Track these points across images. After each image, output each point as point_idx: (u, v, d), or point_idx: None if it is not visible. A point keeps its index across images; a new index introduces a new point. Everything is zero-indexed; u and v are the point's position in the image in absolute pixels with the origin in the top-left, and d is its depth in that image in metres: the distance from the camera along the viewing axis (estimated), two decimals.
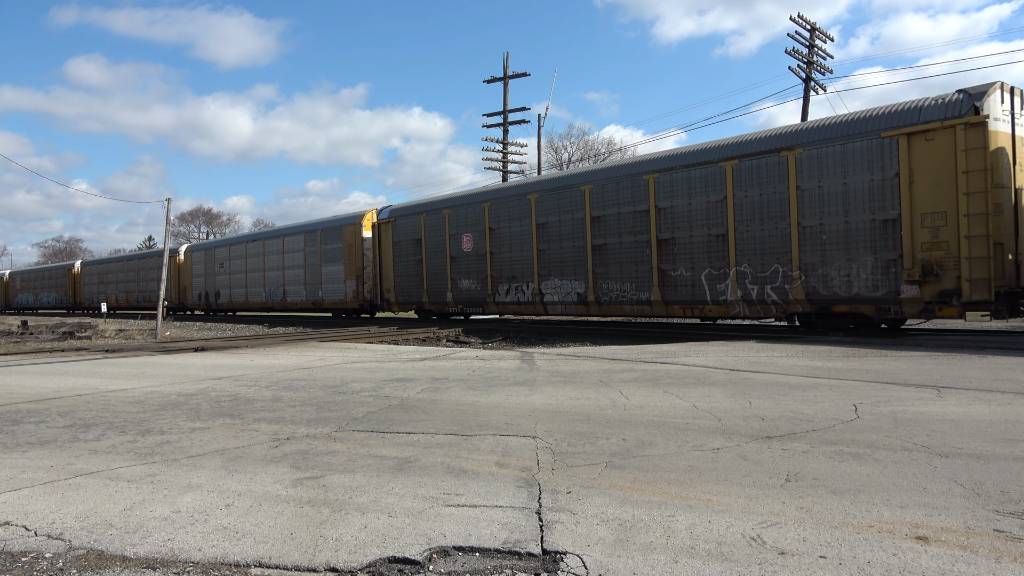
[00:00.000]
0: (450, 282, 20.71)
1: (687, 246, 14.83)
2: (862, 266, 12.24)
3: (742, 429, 5.01)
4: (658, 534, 2.99)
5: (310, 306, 27.42)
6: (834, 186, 12.51)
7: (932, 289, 11.38)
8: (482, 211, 19.57)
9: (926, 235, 11.44)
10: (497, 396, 6.84)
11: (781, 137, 13.43)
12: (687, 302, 14.95)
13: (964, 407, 5.62)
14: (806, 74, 28.05)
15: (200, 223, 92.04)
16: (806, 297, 12.92)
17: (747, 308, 13.92)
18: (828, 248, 12.61)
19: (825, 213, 12.63)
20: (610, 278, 16.38)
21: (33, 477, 4.22)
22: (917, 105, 11.78)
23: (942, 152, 11.19)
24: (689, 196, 14.76)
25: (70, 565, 2.87)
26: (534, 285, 18.12)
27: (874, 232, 12.06)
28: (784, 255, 13.23)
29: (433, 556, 2.86)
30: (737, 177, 13.90)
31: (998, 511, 3.16)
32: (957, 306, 11.18)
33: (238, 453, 4.70)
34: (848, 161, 12.34)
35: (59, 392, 7.92)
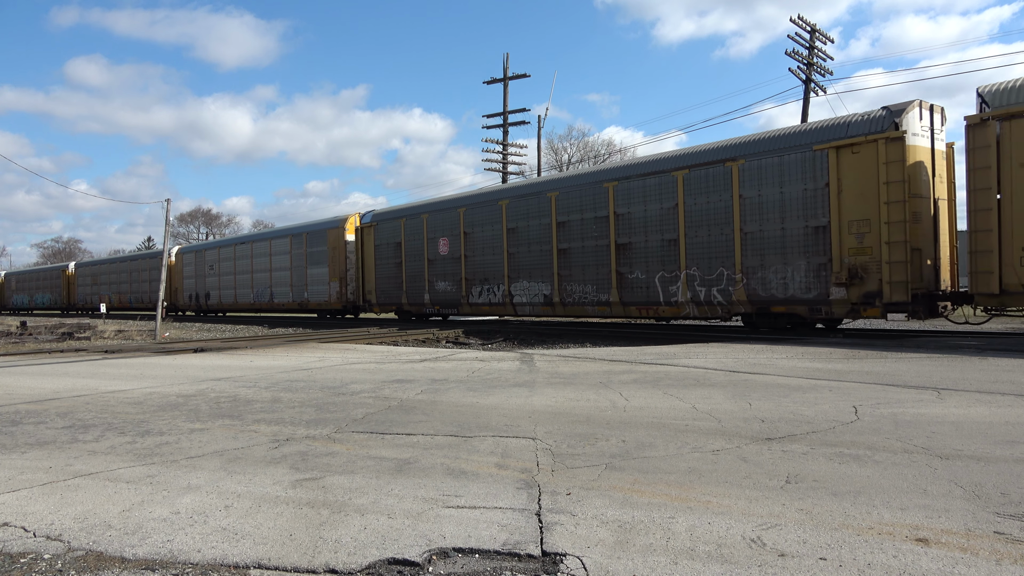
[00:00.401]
0: (427, 284, 21.47)
1: (643, 250, 15.68)
2: (796, 269, 13.12)
3: (742, 431, 5.01)
4: (658, 536, 2.99)
5: (296, 307, 28.07)
6: (772, 195, 13.40)
7: (858, 291, 12.22)
8: (457, 216, 20.33)
9: (852, 241, 12.29)
10: (497, 397, 6.83)
11: (726, 149, 14.29)
12: (642, 303, 15.80)
13: (964, 409, 5.61)
14: (806, 75, 28.08)
15: (199, 224, 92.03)
16: (747, 298, 13.79)
17: (696, 309, 14.82)
18: (767, 253, 13.51)
19: (764, 220, 13.51)
20: (573, 280, 17.23)
21: (32, 478, 4.21)
22: (845, 121, 12.68)
23: (866, 164, 12.03)
24: (645, 203, 15.61)
25: (69, 566, 2.87)
26: (504, 287, 18.90)
27: (807, 238, 12.95)
28: (728, 259, 14.11)
29: (433, 558, 2.85)
30: (687, 186, 14.77)
31: (998, 513, 3.15)
32: (879, 307, 12.02)
33: (237, 454, 4.69)
34: (784, 172, 13.22)
35: (58, 393, 7.91)
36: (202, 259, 34.86)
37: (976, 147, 10.96)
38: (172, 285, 37.10)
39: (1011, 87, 10.82)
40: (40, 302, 51.85)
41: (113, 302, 42.15)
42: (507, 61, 33.58)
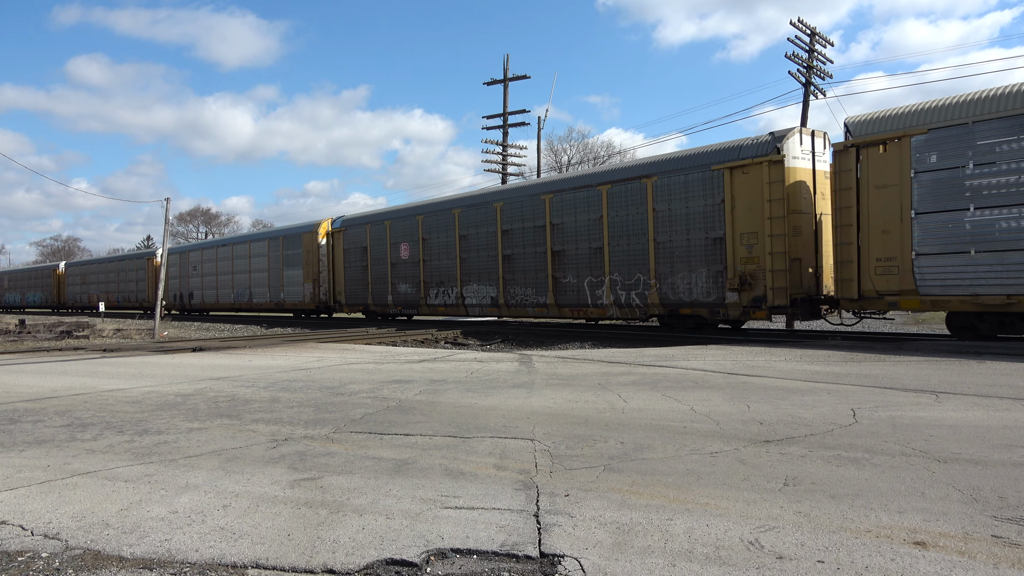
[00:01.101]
0: (391, 286, 22.81)
1: (574, 257, 17.12)
2: (699, 276, 14.58)
3: (740, 433, 5.01)
4: (656, 537, 2.99)
5: (273, 307, 29.21)
6: (679, 209, 14.87)
7: (748, 296, 13.60)
8: (417, 223, 21.69)
9: (743, 251, 13.71)
10: (495, 398, 6.84)
11: (643, 167, 15.85)
12: (574, 305, 17.20)
13: (962, 412, 5.62)
14: (806, 79, 28.11)
15: (199, 223, 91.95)
16: (660, 301, 15.28)
17: (618, 311, 16.21)
18: (675, 261, 14.99)
19: (673, 231, 15.01)
20: (516, 284, 18.63)
21: (30, 476, 4.21)
22: (738, 144, 14.09)
23: (754, 183, 13.46)
24: (576, 215, 17.04)
25: (67, 565, 2.86)
26: (458, 289, 20.26)
27: (707, 248, 14.39)
28: (644, 266, 15.59)
29: (431, 558, 2.85)
30: (611, 199, 16.21)
31: (996, 517, 3.16)
32: (765, 310, 13.41)
33: (236, 454, 4.69)
34: (689, 189, 14.70)
35: (56, 391, 7.90)
36: (186, 260, 35.76)
37: (840, 171, 12.33)
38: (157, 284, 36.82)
39: (868, 119, 12.16)
40: (32, 300, 52.92)
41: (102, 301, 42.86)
42: (507, 62, 33.55)
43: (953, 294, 11.17)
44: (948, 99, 11.42)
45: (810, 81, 28.23)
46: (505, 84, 32.96)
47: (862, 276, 12.10)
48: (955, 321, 12.17)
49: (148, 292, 38.19)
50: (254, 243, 30.53)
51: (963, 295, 11.06)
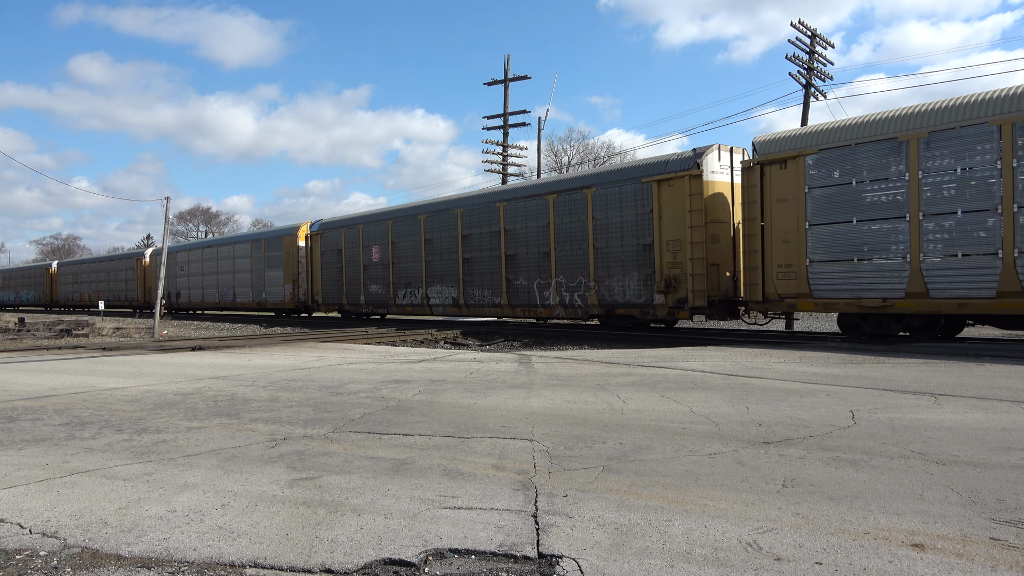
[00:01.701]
0: (363, 287, 23.98)
1: (525, 261, 18.37)
2: (632, 279, 15.82)
3: (739, 434, 5.01)
4: (654, 538, 2.99)
5: (255, 306, 30.52)
6: (615, 218, 16.10)
7: (673, 297, 14.89)
8: (387, 227, 22.96)
9: (669, 257, 15.00)
10: (494, 398, 6.83)
11: (584, 179, 17.20)
12: (525, 305, 18.40)
13: (961, 415, 5.62)
14: (806, 80, 28.13)
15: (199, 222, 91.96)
16: (599, 302, 16.50)
17: (564, 311, 17.49)
18: (612, 265, 16.18)
19: (610, 238, 16.19)
20: (475, 285, 19.80)
21: (28, 475, 4.21)
22: (665, 159, 15.46)
23: (678, 195, 14.75)
24: (526, 221, 18.30)
25: (65, 563, 2.86)
26: (423, 290, 21.47)
27: (639, 254, 15.62)
28: (585, 270, 16.80)
29: (429, 558, 2.85)
30: (557, 208, 17.46)
31: (994, 519, 3.16)
32: (687, 311, 14.74)
33: (234, 453, 4.69)
34: (623, 199, 15.91)
35: (55, 390, 7.90)
36: (174, 261, 36.79)
37: (747, 185, 13.54)
38: (146, 284, 39.19)
39: (771, 139, 13.29)
40: (25, 299, 54.50)
41: (93, 300, 44.15)
42: (508, 63, 33.52)
43: (840, 297, 12.37)
44: (836, 122, 12.74)
45: (810, 83, 28.24)
46: (506, 84, 32.97)
47: (766, 280, 13.26)
48: (843, 321, 13.41)
49: (137, 291, 39.65)
50: (238, 245, 31.76)
51: (848, 298, 12.27)
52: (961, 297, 10.96)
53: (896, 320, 12.52)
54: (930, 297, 11.25)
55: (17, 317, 28.53)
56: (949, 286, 11.10)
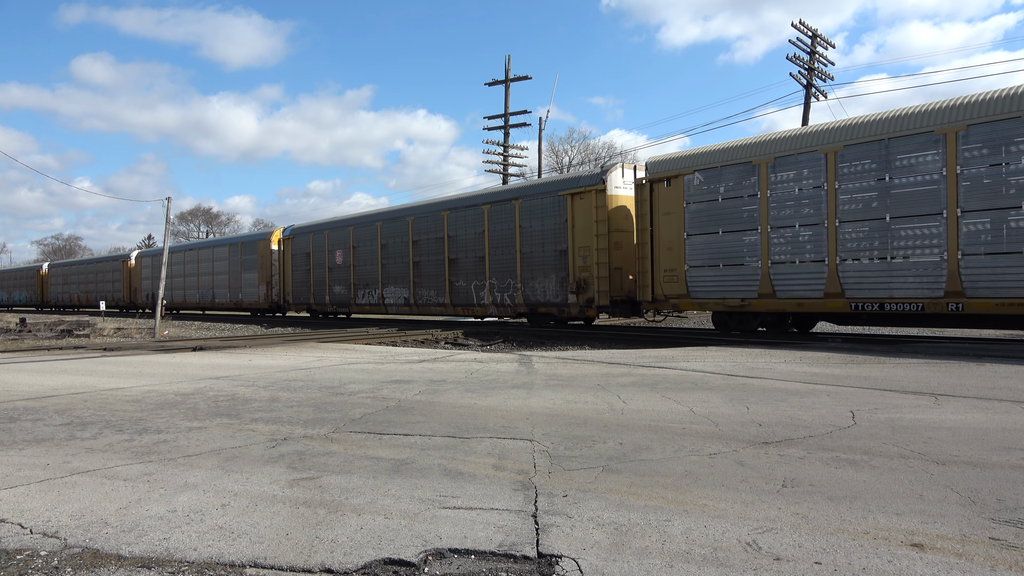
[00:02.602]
0: (328, 288, 25.95)
1: (465, 265, 20.25)
2: (551, 281, 17.82)
3: (739, 434, 5.01)
4: (654, 538, 2.99)
5: (232, 306, 32.53)
6: (538, 226, 18.17)
7: (583, 297, 16.87)
8: (349, 233, 24.94)
9: (580, 261, 16.93)
10: (495, 399, 6.84)
11: (513, 191, 19.36)
12: (464, 305, 20.31)
13: (961, 415, 5.62)
14: (807, 80, 28.11)
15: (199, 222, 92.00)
16: (524, 302, 18.55)
17: (496, 309, 19.45)
18: (535, 268, 18.19)
19: (533, 245, 18.25)
20: (423, 287, 21.74)
21: (29, 475, 4.21)
22: (578, 176, 17.82)
23: (587, 207, 16.66)
24: (466, 229, 20.18)
25: (65, 563, 2.87)
26: (379, 291, 23.34)
27: (556, 258, 17.62)
28: (513, 272, 18.77)
29: (429, 558, 2.86)
30: (491, 217, 19.44)
31: (994, 519, 3.16)
32: (595, 309, 16.73)
33: (235, 453, 4.70)
34: (544, 210, 17.99)
35: (56, 390, 7.91)
36: (158, 263, 38.13)
37: (640, 200, 15.45)
38: (132, 285, 41.17)
39: (659, 160, 15.20)
40: (17, 299, 56.07)
41: (81, 300, 46.43)
42: (508, 63, 33.53)
43: (711, 297, 14.28)
44: (709, 147, 14.55)
45: (811, 83, 28.22)
46: (506, 85, 32.98)
47: (655, 283, 15.13)
48: (715, 318, 15.20)
49: (123, 292, 41.64)
50: (216, 248, 33.76)
51: (716, 298, 14.17)
52: (799, 297, 12.89)
53: (753, 317, 14.33)
54: (777, 297, 13.15)
55: (19, 317, 28.62)
56: (790, 288, 13.01)
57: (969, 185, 10.78)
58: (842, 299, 12.31)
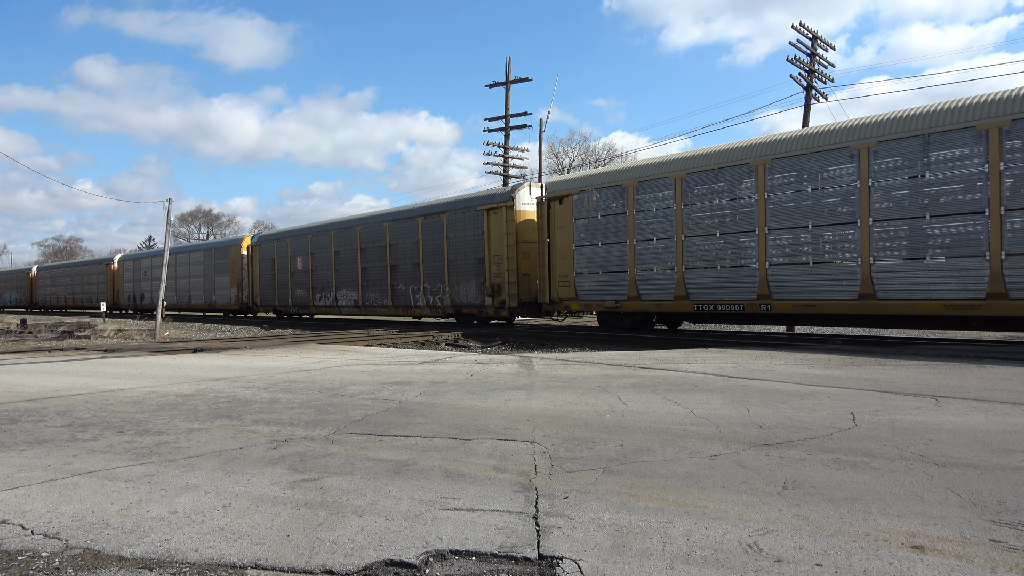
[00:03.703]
0: (291, 291, 28.67)
1: (404, 270, 22.91)
2: (472, 285, 20.36)
3: (740, 436, 5.01)
4: (655, 540, 2.99)
5: (206, 307, 35.11)
6: (461, 237, 20.73)
7: (497, 299, 19.52)
8: (307, 241, 27.64)
9: (495, 268, 19.56)
10: (495, 400, 6.84)
11: (443, 205, 21.77)
12: (404, 306, 23.05)
13: (962, 417, 5.62)
14: (807, 82, 28.12)
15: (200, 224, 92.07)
16: (451, 304, 21.12)
17: (429, 310, 22.14)
18: (459, 274, 20.80)
19: (458, 253, 20.84)
20: (370, 290, 24.38)
21: (30, 476, 4.22)
22: (492, 193, 20.45)
23: (500, 221, 19.47)
24: (404, 238, 22.86)
25: (67, 564, 2.87)
26: (333, 294, 26.07)
27: (476, 266, 20.18)
28: (442, 278, 21.35)
29: (430, 560, 2.86)
30: (424, 229, 22.03)
31: (994, 521, 3.16)
32: (507, 309, 19.42)
33: (236, 454, 4.70)
34: (467, 223, 20.60)
35: (57, 391, 7.92)
36: (139, 266, 41.47)
37: (540, 215, 17.98)
38: (115, 288, 43.86)
39: (555, 182, 17.93)
40: (8, 300, 58.15)
41: (68, 301, 48.64)
42: (509, 65, 33.55)
43: (594, 300, 16.69)
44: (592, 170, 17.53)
45: (812, 85, 28.23)
46: (507, 87, 33.00)
47: (552, 287, 17.70)
48: (599, 318, 17.86)
49: (107, 294, 44.23)
50: (192, 253, 36.39)
51: (598, 300, 16.57)
52: (658, 300, 15.34)
53: (626, 316, 16.85)
54: (642, 300, 15.59)
55: (19, 319, 28.66)
56: (651, 292, 15.43)
57: (773, 208, 13.33)
58: (688, 301, 14.73)
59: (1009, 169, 10.60)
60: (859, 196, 12.09)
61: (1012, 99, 10.62)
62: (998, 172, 10.68)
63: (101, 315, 39.15)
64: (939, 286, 11.35)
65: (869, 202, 11.96)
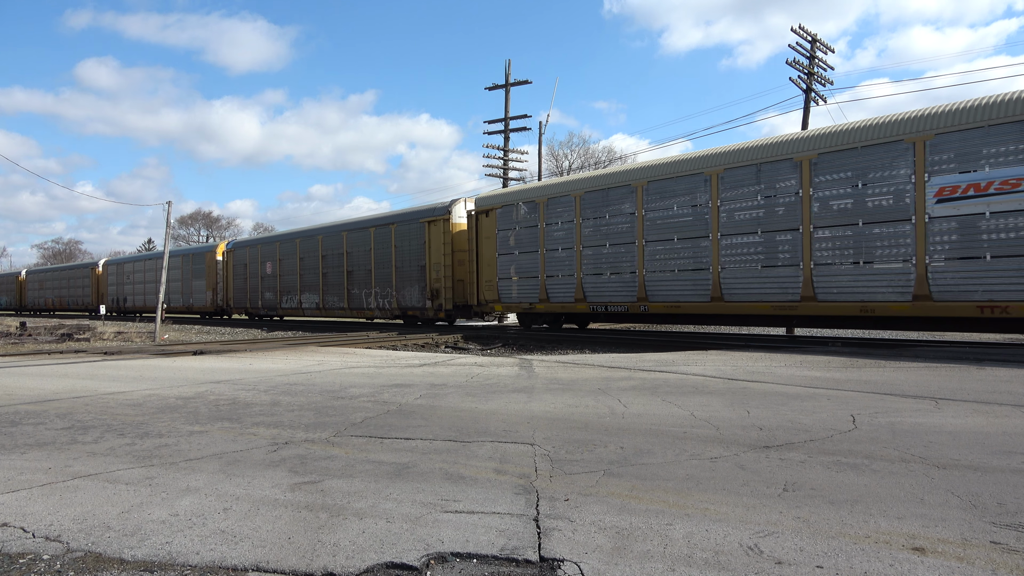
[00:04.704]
0: (260, 294, 31.31)
1: (358, 276, 25.52)
2: (415, 290, 22.90)
3: (740, 438, 5.02)
4: (655, 542, 3.00)
5: (184, 310, 37.34)
6: (407, 246, 23.23)
7: (436, 302, 22.01)
8: (276, 248, 30.43)
9: (435, 274, 22.04)
10: (496, 403, 6.84)
11: (391, 217, 24.36)
12: (358, 308, 25.56)
13: (962, 419, 5.63)
14: (807, 85, 28.15)
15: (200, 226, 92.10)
16: (399, 306, 23.63)
17: (380, 312, 24.67)
18: (405, 280, 23.38)
19: (405, 261, 23.40)
20: (329, 294, 27.14)
21: (31, 479, 4.22)
22: (433, 207, 22.73)
23: (439, 232, 21.94)
24: (358, 247, 25.51)
25: (68, 567, 2.87)
26: (298, 297, 28.83)
27: (419, 272, 22.76)
28: (391, 283, 23.96)
29: (431, 562, 2.86)
30: (375, 238, 24.73)
31: (995, 523, 3.17)
32: (443, 312, 21.77)
33: (236, 457, 4.70)
34: (412, 234, 23.10)
35: (57, 394, 7.91)
36: (122, 271, 43.80)
37: (470, 227, 20.53)
38: (99, 291, 45.94)
39: (482, 198, 20.22)
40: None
41: (55, 304, 50.85)
42: (508, 67, 33.58)
43: (513, 302, 19.13)
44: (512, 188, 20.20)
45: (811, 87, 28.27)
46: (507, 89, 33.04)
47: (479, 291, 20.11)
48: (519, 318, 20.24)
49: (92, 297, 46.52)
50: (171, 258, 37.50)
51: (516, 302, 19.08)
52: (563, 302, 17.68)
53: (539, 316, 19.29)
54: (551, 302, 18.03)
55: (19, 321, 28.65)
56: (557, 295, 17.84)
57: (649, 224, 15.75)
58: (585, 303, 17.06)
59: (817, 194, 13.08)
60: (711, 215, 14.64)
61: (820, 136, 13.14)
62: (808, 197, 13.18)
63: (100, 317, 39.50)
64: (767, 291, 13.73)
65: (718, 221, 14.50)
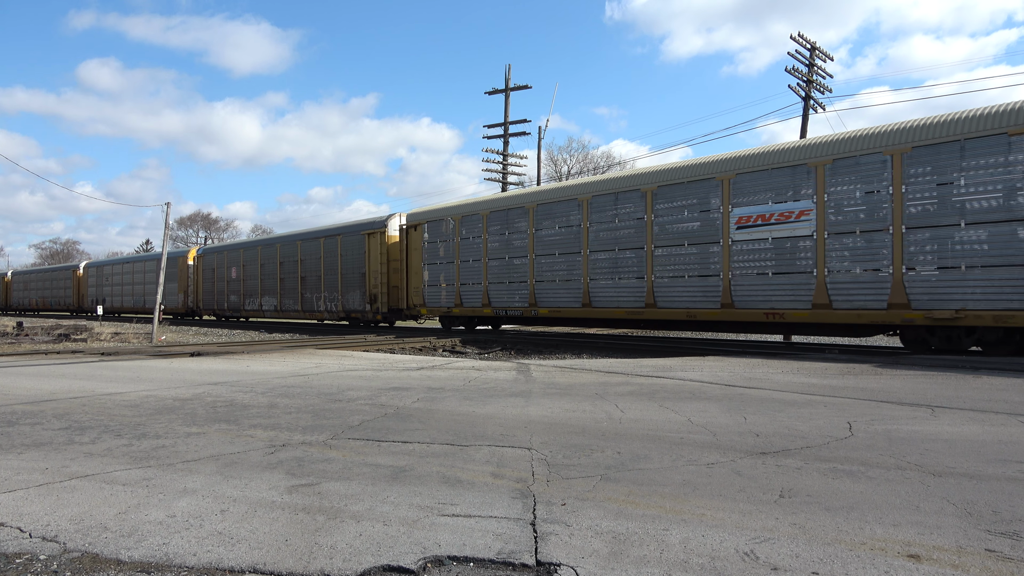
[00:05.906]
0: (227, 297, 33.88)
1: (310, 281, 28.19)
2: (357, 295, 25.29)
3: (737, 444, 5.03)
4: (652, 547, 3.01)
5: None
6: (350, 255, 25.79)
7: (375, 307, 24.26)
8: (240, 255, 33.15)
9: (374, 280, 24.46)
10: (493, 407, 6.85)
11: (338, 229, 26.93)
12: (310, 311, 28.19)
13: (958, 427, 5.64)
14: (805, 92, 28.26)
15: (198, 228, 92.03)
16: (343, 309, 26.01)
17: (328, 315, 27.06)
18: (349, 285, 25.83)
19: (349, 269, 25.88)
20: (286, 297, 29.70)
21: (28, 479, 4.21)
22: (372, 220, 25.12)
23: (376, 243, 24.38)
24: (310, 255, 28.17)
25: (64, 568, 2.87)
26: (258, 299, 31.51)
27: (360, 279, 25.21)
28: (337, 288, 26.38)
29: (428, 565, 2.87)
30: (324, 247, 27.25)
31: (990, 531, 3.18)
32: (380, 314, 24.17)
33: (233, 459, 4.70)
34: (354, 244, 25.59)
35: (54, 394, 7.90)
36: (102, 273, 46.02)
37: (401, 239, 23.32)
38: (80, 292, 47.97)
39: (412, 214, 22.73)
40: None
41: (40, 304, 52.82)
42: (508, 72, 33.65)
43: (436, 306, 21.60)
44: (437, 206, 22.12)
45: (810, 95, 28.37)
46: (506, 94, 33.11)
47: (408, 296, 22.77)
48: (441, 321, 22.46)
49: (73, 298, 48.58)
50: (147, 262, 41.07)
51: (438, 306, 21.47)
52: (474, 307, 20.11)
53: (456, 319, 21.51)
54: (464, 306, 20.43)
55: (15, 321, 28.61)
56: (470, 301, 20.26)
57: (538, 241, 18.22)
58: (490, 307, 19.52)
59: (657, 220, 15.50)
60: (581, 234, 17.14)
61: (657, 172, 15.63)
62: (651, 221, 15.59)
63: (98, 318, 39.56)
64: (622, 298, 16.22)
65: (587, 240, 16.98)
